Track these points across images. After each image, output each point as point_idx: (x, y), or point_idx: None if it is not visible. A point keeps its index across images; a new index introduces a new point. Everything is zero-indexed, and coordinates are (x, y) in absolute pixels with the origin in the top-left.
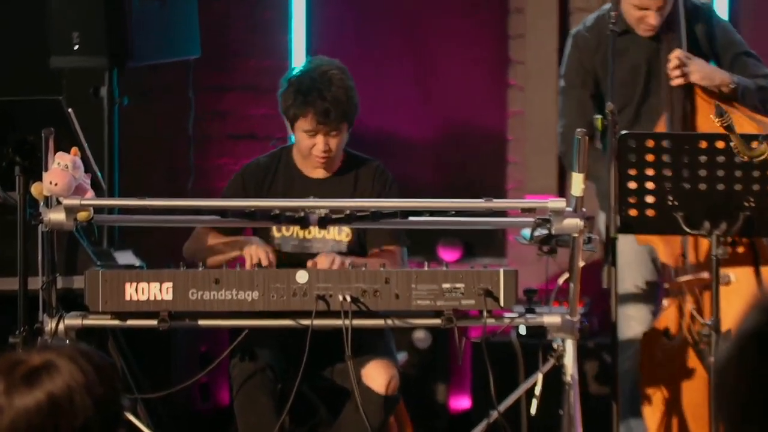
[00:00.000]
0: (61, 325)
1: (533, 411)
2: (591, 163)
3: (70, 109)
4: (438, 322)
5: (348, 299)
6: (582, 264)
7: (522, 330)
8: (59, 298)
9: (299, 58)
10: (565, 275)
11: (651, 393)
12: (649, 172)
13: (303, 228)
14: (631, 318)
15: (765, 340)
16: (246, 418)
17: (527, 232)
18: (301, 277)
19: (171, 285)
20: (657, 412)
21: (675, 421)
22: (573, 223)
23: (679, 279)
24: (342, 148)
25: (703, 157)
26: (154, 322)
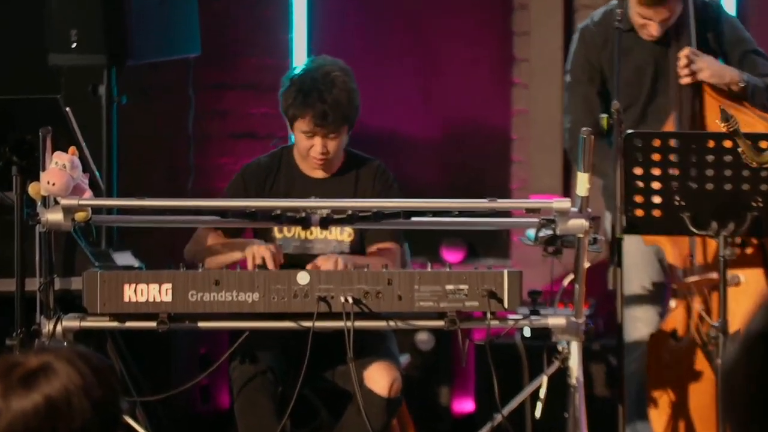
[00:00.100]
0: (59, 327)
1: (538, 414)
2: (598, 160)
3: (68, 108)
4: (441, 323)
5: (350, 301)
6: (587, 265)
7: (526, 332)
8: (57, 299)
9: (300, 56)
10: (570, 276)
11: (657, 395)
12: (656, 171)
13: (304, 228)
14: (638, 320)
15: None
16: (246, 421)
17: (532, 232)
18: (303, 279)
19: (170, 286)
20: (664, 414)
21: (682, 424)
22: (578, 224)
23: (687, 279)
24: (341, 149)
25: (711, 157)
26: (153, 323)
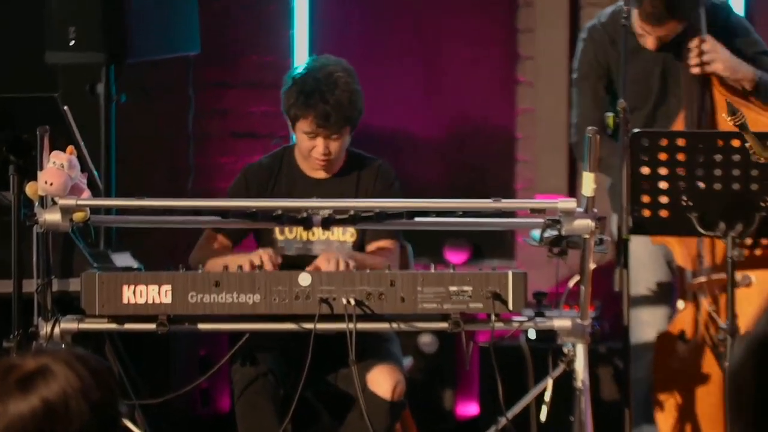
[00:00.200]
0: (57, 329)
1: (543, 418)
2: (606, 154)
3: (66, 107)
4: (445, 325)
5: (352, 302)
6: (593, 266)
7: (531, 334)
8: (55, 301)
9: (302, 54)
10: (576, 278)
11: (665, 398)
12: (663, 171)
13: (306, 229)
14: (646, 323)
15: None
16: (247, 424)
17: (537, 233)
18: (304, 280)
19: (170, 288)
20: (670, 418)
21: (689, 427)
22: (584, 224)
23: (696, 280)
24: (343, 150)
25: (719, 156)
26: (152, 325)
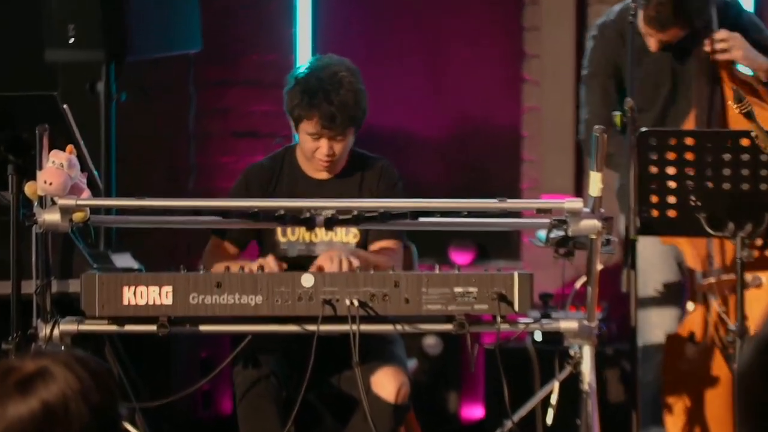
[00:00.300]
0: (56, 331)
1: (549, 421)
2: (614, 149)
3: (65, 105)
4: (449, 327)
5: (356, 304)
6: (600, 267)
7: (537, 336)
8: (54, 302)
9: (304, 52)
10: (583, 279)
11: (674, 401)
12: (671, 170)
13: (309, 230)
14: (655, 325)
15: None
16: (249, 427)
17: (543, 233)
18: (307, 281)
19: (171, 289)
20: (679, 421)
21: (698, 430)
22: (590, 225)
23: (706, 281)
24: (347, 151)
25: (727, 156)
26: (153, 327)
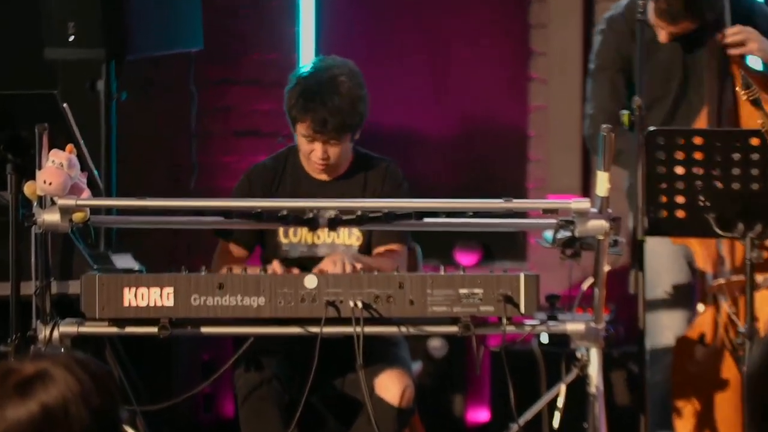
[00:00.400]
0: (56, 333)
1: (556, 424)
2: (622, 145)
3: (65, 104)
4: (455, 329)
5: (359, 305)
6: (607, 268)
7: (544, 338)
8: (54, 303)
9: (308, 50)
10: (590, 280)
11: (683, 404)
12: (679, 170)
13: (312, 230)
14: (666, 327)
15: None
16: (252, 430)
17: (549, 234)
18: (310, 282)
19: (172, 290)
20: (689, 423)
21: None
22: (598, 225)
23: (717, 282)
24: (343, 156)
25: (737, 155)
26: (154, 329)
